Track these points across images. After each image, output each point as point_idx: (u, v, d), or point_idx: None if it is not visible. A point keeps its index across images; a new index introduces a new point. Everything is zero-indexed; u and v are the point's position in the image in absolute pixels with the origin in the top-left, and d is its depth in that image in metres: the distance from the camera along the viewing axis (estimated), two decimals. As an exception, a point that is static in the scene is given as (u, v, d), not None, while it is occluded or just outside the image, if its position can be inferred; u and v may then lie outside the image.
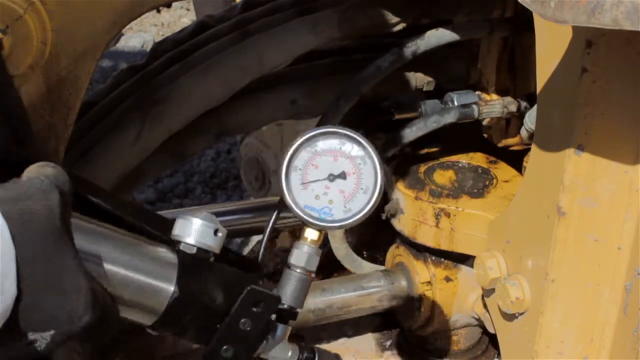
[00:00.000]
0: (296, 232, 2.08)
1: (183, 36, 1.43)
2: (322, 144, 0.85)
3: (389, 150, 1.35)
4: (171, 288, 0.74)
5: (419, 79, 1.49)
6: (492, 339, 1.47)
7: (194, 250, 0.77)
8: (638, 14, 0.65)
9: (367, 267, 1.48)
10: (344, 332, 1.58)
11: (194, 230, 0.77)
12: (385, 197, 1.44)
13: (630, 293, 1.02)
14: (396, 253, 1.46)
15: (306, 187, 0.83)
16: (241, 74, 1.31)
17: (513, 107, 1.35)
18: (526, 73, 1.40)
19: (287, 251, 2.08)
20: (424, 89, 1.52)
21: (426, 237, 1.35)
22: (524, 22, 1.31)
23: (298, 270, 0.84)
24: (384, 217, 1.41)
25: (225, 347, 0.79)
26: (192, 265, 0.76)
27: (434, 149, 1.50)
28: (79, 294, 0.63)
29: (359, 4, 1.34)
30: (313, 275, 0.86)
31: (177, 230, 0.77)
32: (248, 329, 0.78)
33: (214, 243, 0.77)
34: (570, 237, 1.02)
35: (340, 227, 0.84)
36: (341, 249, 1.44)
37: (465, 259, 1.37)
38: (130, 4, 1.02)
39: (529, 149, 1.14)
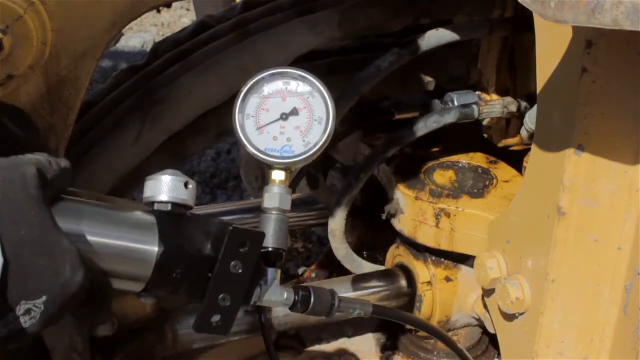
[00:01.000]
0: (295, 232, 2.09)
1: (183, 36, 1.43)
2: (268, 88, 0.88)
3: (389, 150, 1.35)
4: (155, 248, 0.74)
5: (419, 79, 1.49)
6: (492, 339, 1.47)
7: (169, 207, 0.77)
8: (638, 14, 0.65)
9: (367, 267, 1.48)
10: (344, 332, 1.58)
11: (165, 187, 0.78)
12: (385, 197, 1.44)
13: (630, 293, 1.02)
14: (396, 253, 1.46)
15: (262, 132, 0.86)
16: (241, 74, 1.30)
17: (513, 107, 1.35)
18: (526, 73, 1.39)
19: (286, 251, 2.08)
20: (424, 89, 1.52)
21: (426, 237, 1.35)
22: (524, 22, 1.31)
23: (274, 212, 0.87)
24: (384, 217, 1.41)
25: (221, 295, 0.78)
26: (170, 221, 0.77)
27: (434, 149, 1.50)
28: (64, 255, 0.65)
29: (359, 3, 1.34)
30: (288, 214, 0.88)
31: (148, 192, 0.78)
32: (240, 271, 0.78)
33: (186, 196, 0.78)
34: (570, 237, 1.02)
35: (302, 160, 0.86)
36: (341, 249, 1.44)
37: (465, 259, 1.37)
38: (130, 4, 1.02)
39: (529, 149, 1.14)
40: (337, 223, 1.39)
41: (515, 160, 1.40)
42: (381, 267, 1.49)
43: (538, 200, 1.06)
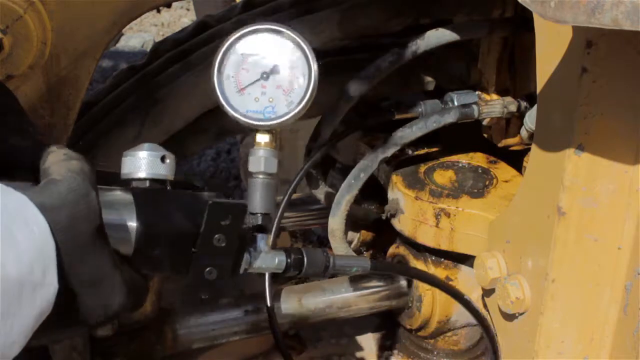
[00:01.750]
0: (295, 232, 2.09)
1: (183, 36, 1.43)
2: (246, 46, 0.84)
3: (389, 150, 1.35)
4: (134, 226, 0.72)
5: (419, 79, 1.49)
6: (492, 339, 1.47)
7: (147, 184, 0.75)
8: (638, 14, 0.65)
9: (367, 267, 1.48)
10: (344, 332, 1.58)
11: (142, 163, 0.75)
12: (385, 197, 1.44)
13: (630, 293, 1.02)
14: (396, 253, 1.46)
15: (243, 93, 0.83)
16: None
17: (513, 107, 1.34)
18: (526, 73, 1.39)
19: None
20: (424, 89, 1.52)
21: (426, 237, 1.35)
22: (524, 22, 1.31)
23: (260, 176, 0.84)
24: (384, 217, 1.41)
25: (207, 269, 0.77)
26: (150, 198, 0.75)
27: (434, 149, 1.50)
28: (116, 290, 0.66)
29: (359, 3, 1.34)
30: (275, 178, 0.85)
31: (126, 169, 0.76)
32: (223, 244, 0.76)
33: (165, 170, 0.76)
34: (570, 237, 1.02)
35: (287, 121, 0.84)
36: (341, 249, 1.44)
37: (465, 259, 1.37)
38: (130, 4, 1.02)
39: (529, 149, 1.14)
40: (337, 223, 1.39)
41: (515, 160, 1.40)
42: (381, 267, 1.49)
43: (538, 200, 1.06)
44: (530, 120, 1.28)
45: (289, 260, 0.85)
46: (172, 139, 1.32)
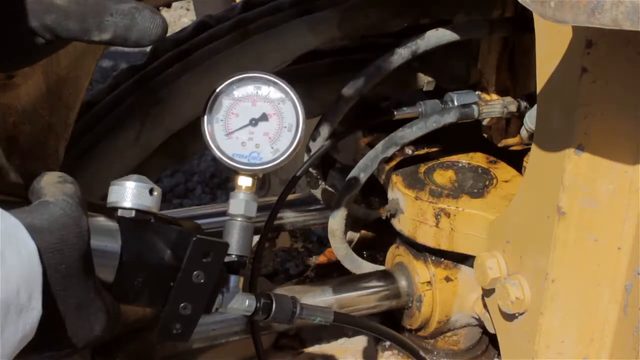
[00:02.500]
0: (295, 232, 2.09)
1: (183, 36, 1.43)
2: (239, 92, 0.86)
3: (388, 150, 1.35)
4: (117, 256, 0.73)
5: (419, 79, 1.49)
6: (492, 339, 1.47)
7: (133, 214, 0.75)
8: (638, 14, 0.65)
9: (367, 267, 1.48)
10: (344, 332, 1.58)
11: (129, 193, 0.75)
12: (385, 197, 1.44)
13: (630, 293, 1.02)
14: (396, 253, 1.47)
15: (231, 137, 0.85)
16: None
17: (513, 107, 1.35)
18: (526, 73, 1.39)
19: (286, 251, 2.09)
20: (424, 89, 1.52)
21: (426, 237, 1.35)
22: (524, 22, 1.31)
23: (239, 219, 0.86)
24: (384, 217, 1.41)
25: (183, 304, 0.77)
26: (134, 228, 0.75)
27: (434, 149, 1.50)
28: (98, 317, 0.66)
29: (359, 3, 1.34)
30: (253, 221, 0.87)
31: (113, 197, 0.76)
32: (202, 281, 0.77)
33: (151, 203, 0.76)
34: (570, 237, 1.02)
35: (271, 168, 0.85)
36: (341, 249, 1.44)
37: (465, 259, 1.37)
38: None
39: (529, 149, 1.14)
40: (337, 223, 1.39)
41: (515, 160, 1.40)
42: (381, 267, 1.49)
43: (538, 200, 1.06)
44: (530, 120, 1.28)
45: (258, 305, 0.87)
46: (172, 139, 1.32)
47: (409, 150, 1.49)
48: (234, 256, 0.84)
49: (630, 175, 0.98)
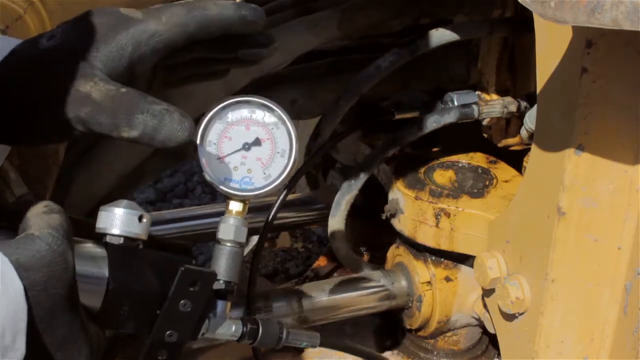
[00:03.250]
0: (295, 232, 2.09)
1: (183, 36, 1.43)
2: (232, 115, 0.85)
3: (389, 150, 1.35)
4: (104, 283, 0.73)
5: (419, 79, 1.49)
6: (492, 339, 1.47)
7: (121, 241, 0.75)
8: (638, 14, 0.65)
9: (367, 267, 1.48)
10: (344, 332, 1.58)
11: (118, 220, 0.75)
12: (385, 197, 1.44)
13: (630, 293, 1.02)
14: (396, 253, 1.47)
15: (223, 161, 0.84)
16: (241, 74, 1.31)
17: (513, 107, 1.35)
18: (526, 73, 1.40)
19: (286, 251, 2.09)
20: (424, 89, 1.52)
21: (426, 237, 1.35)
22: (524, 22, 1.31)
23: (228, 244, 0.85)
24: (384, 217, 1.41)
25: (168, 332, 0.77)
26: (122, 255, 0.75)
27: (434, 149, 1.50)
28: (81, 347, 0.66)
29: (359, 3, 1.34)
30: (244, 247, 0.86)
31: (101, 223, 0.76)
32: (189, 309, 0.77)
33: (140, 230, 0.76)
34: (570, 237, 1.02)
35: (261, 194, 0.84)
36: (341, 249, 1.44)
37: (465, 259, 1.37)
38: (129, 5, 1.02)
39: (529, 149, 1.14)
40: (337, 223, 1.39)
41: (515, 160, 1.40)
42: (381, 267, 1.49)
43: (538, 200, 1.06)
44: (530, 120, 1.28)
45: (244, 330, 0.87)
46: (172, 139, 1.31)
47: (409, 150, 1.49)
48: (222, 282, 0.84)
49: (630, 175, 0.98)
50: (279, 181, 0.84)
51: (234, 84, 1.31)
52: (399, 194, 1.38)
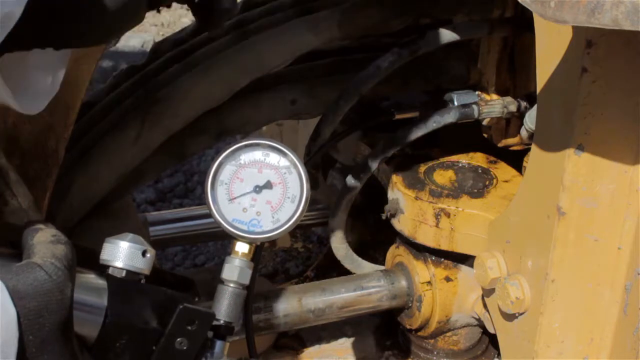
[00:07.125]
0: (295, 232, 2.09)
1: (183, 36, 1.43)
2: (246, 157, 0.85)
3: (389, 150, 1.35)
4: (102, 314, 0.73)
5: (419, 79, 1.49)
6: (492, 339, 1.47)
7: (124, 274, 0.76)
8: (638, 14, 0.65)
9: (367, 267, 1.48)
10: (344, 332, 1.58)
11: (122, 253, 0.75)
12: (385, 197, 1.44)
13: (630, 293, 1.02)
14: (396, 253, 1.46)
15: (233, 202, 0.84)
16: (241, 74, 1.31)
17: (513, 107, 1.35)
18: (526, 73, 1.40)
19: (286, 251, 2.09)
20: (424, 89, 1.52)
21: (426, 237, 1.35)
22: (524, 22, 1.31)
23: (231, 285, 0.84)
24: (384, 217, 1.41)
25: None
26: (123, 289, 0.75)
27: (434, 149, 1.50)
28: None
29: (359, 3, 1.34)
30: (246, 288, 0.85)
31: (105, 255, 0.76)
32: (184, 348, 0.77)
33: (143, 265, 0.76)
34: (570, 237, 1.02)
35: (269, 238, 0.84)
36: (341, 249, 1.44)
37: (465, 259, 1.37)
38: (130, 4, 1.02)
39: (529, 149, 1.14)
40: (337, 223, 1.39)
41: (515, 160, 1.40)
42: (381, 267, 1.49)
43: (538, 200, 1.06)
44: (530, 120, 1.28)
45: None
46: (172, 139, 1.32)
47: (409, 150, 1.49)
48: (222, 321, 0.83)
49: (630, 175, 0.98)
50: (287, 226, 0.83)
51: (233, 84, 1.31)
52: (399, 193, 1.38)
